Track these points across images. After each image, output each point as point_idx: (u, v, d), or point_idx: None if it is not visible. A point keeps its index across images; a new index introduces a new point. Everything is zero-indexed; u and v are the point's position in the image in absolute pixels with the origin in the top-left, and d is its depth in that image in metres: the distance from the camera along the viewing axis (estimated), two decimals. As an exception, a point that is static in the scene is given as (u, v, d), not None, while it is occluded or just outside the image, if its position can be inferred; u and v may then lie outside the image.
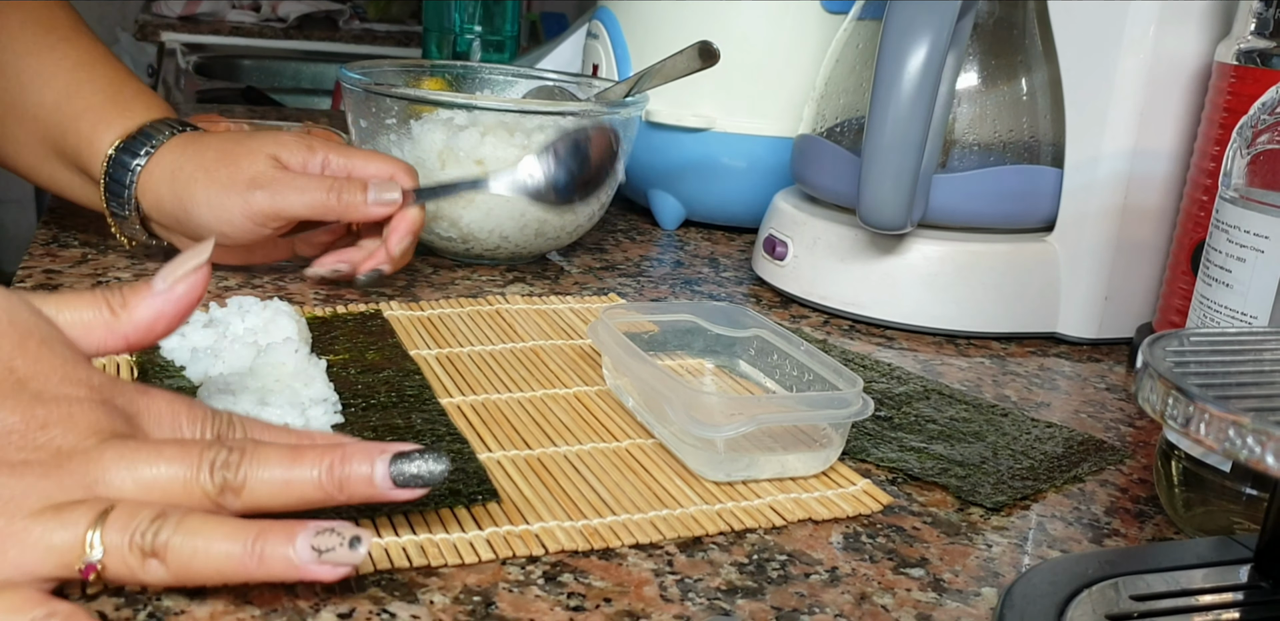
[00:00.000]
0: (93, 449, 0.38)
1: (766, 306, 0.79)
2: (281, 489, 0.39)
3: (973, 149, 0.76)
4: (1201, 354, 0.39)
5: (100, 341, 0.43)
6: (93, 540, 0.36)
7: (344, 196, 0.65)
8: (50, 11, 0.71)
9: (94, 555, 0.36)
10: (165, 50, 2.92)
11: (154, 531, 0.37)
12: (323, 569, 0.37)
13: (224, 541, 0.37)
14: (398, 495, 0.40)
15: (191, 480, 0.38)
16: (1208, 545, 0.45)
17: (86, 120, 0.68)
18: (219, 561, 0.37)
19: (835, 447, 0.53)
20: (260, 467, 0.39)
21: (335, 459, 0.39)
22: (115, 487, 0.38)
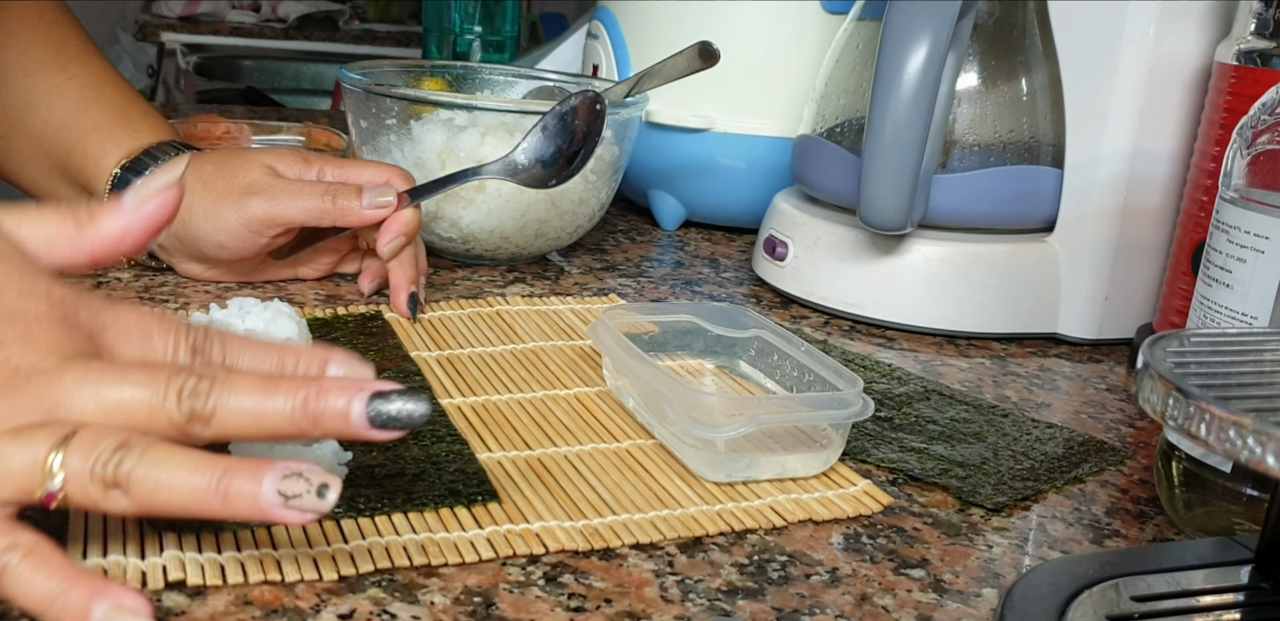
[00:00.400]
0: (53, 369, 0.36)
1: (767, 307, 0.79)
2: (252, 420, 0.37)
3: (973, 149, 0.75)
4: (1202, 354, 0.39)
5: (63, 256, 0.41)
6: (53, 466, 0.35)
7: (339, 200, 0.65)
8: (61, 31, 0.72)
9: (54, 483, 0.35)
10: (165, 50, 2.92)
11: (116, 461, 0.35)
12: (289, 513, 0.36)
13: (189, 475, 0.36)
14: (374, 435, 0.37)
15: (157, 406, 0.36)
16: (1208, 546, 0.45)
17: (94, 139, 0.68)
18: (183, 495, 0.36)
19: (836, 448, 0.53)
20: (231, 396, 0.37)
21: (311, 393, 0.37)
22: (77, 411, 0.36)
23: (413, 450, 0.50)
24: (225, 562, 0.41)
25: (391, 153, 0.79)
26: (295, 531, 0.43)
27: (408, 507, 0.46)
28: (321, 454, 0.47)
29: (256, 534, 0.43)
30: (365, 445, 0.50)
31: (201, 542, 0.42)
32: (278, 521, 0.36)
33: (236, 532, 0.43)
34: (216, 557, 0.41)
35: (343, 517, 0.45)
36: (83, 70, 0.71)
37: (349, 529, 0.44)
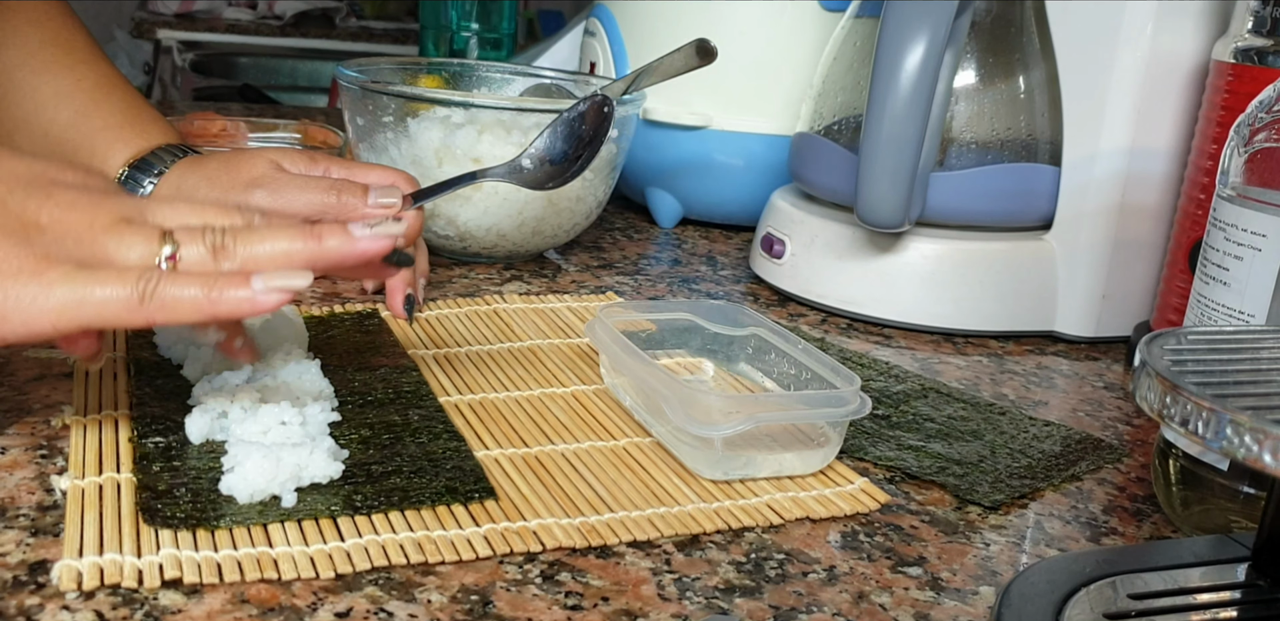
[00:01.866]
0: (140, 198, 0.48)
1: (764, 305, 0.79)
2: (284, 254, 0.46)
3: (970, 147, 0.75)
4: (1199, 352, 0.39)
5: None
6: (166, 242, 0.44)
7: (344, 197, 0.64)
8: (70, 34, 0.73)
9: (167, 250, 0.44)
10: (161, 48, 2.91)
11: (221, 235, 0.45)
12: (375, 242, 0.46)
13: (288, 235, 0.46)
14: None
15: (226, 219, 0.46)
16: (1205, 543, 0.45)
17: (102, 138, 0.69)
18: (284, 246, 0.45)
19: (833, 446, 0.53)
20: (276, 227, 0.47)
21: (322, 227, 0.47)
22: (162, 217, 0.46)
23: (410, 448, 0.50)
24: (222, 561, 0.41)
25: (388, 150, 0.79)
26: (292, 530, 0.43)
27: (405, 505, 0.46)
28: (319, 452, 0.47)
29: (253, 532, 0.43)
30: (362, 443, 0.50)
31: (198, 541, 0.42)
32: (362, 252, 0.46)
33: (233, 531, 0.43)
34: (213, 556, 0.41)
35: (339, 515, 0.45)
36: (91, 72, 0.72)
37: (345, 527, 0.44)
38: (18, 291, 0.43)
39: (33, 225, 0.44)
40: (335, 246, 0.46)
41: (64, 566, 0.40)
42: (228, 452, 0.47)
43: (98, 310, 0.43)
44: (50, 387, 0.55)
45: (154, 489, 0.45)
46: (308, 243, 0.46)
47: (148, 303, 0.43)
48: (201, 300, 0.43)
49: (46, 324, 0.43)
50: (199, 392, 0.52)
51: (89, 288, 0.43)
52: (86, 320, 0.43)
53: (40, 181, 0.46)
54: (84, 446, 0.48)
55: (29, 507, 0.44)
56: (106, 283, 0.43)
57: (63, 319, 0.43)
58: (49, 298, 0.43)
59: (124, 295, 0.43)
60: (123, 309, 0.43)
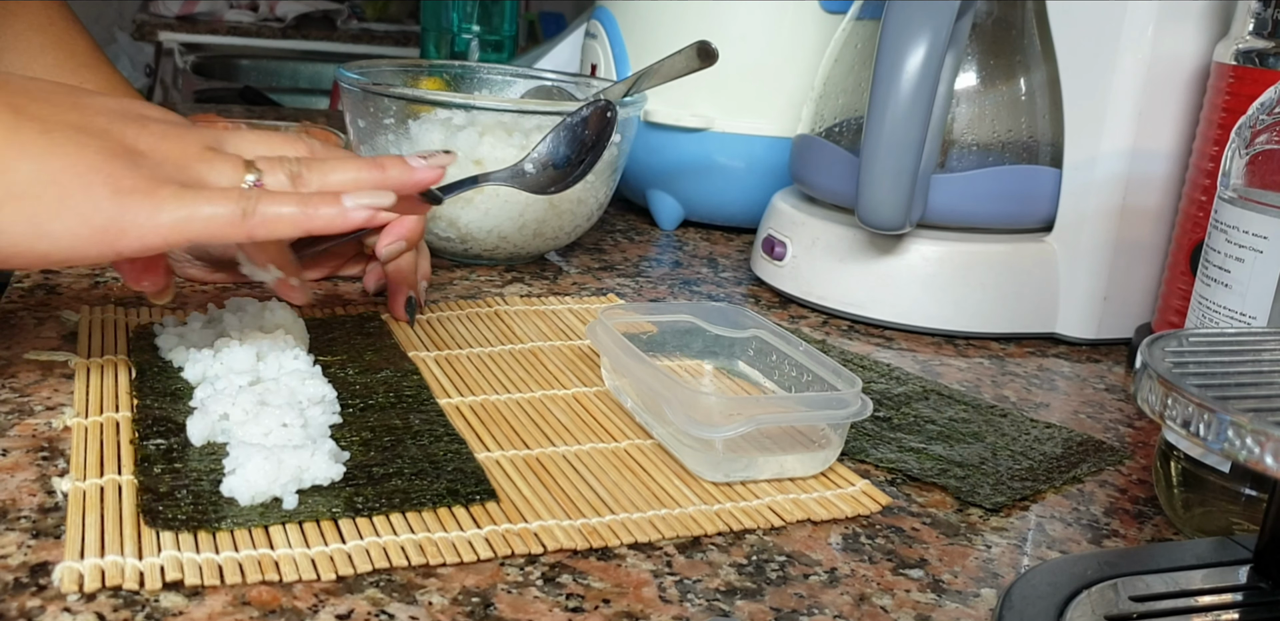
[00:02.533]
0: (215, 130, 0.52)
1: (765, 307, 0.79)
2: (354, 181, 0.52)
3: (971, 149, 0.75)
4: (1200, 354, 0.39)
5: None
6: (250, 171, 0.49)
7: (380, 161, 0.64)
8: (71, 37, 0.73)
9: (251, 177, 0.49)
10: (163, 50, 2.92)
11: (297, 164, 0.50)
12: (429, 171, 0.53)
13: (354, 166, 0.51)
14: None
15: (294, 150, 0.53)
16: (1207, 546, 0.45)
17: None
18: (352, 173, 0.51)
19: (834, 448, 0.52)
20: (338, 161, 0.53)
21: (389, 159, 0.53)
22: (240, 147, 0.52)
23: (411, 450, 0.50)
24: (223, 563, 0.41)
25: (389, 152, 0.79)
26: (293, 532, 0.43)
27: (406, 507, 0.46)
28: (320, 454, 0.47)
29: (254, 534, 0.43)
30: (363, 445, 0.50)
31: (199, 543, 0.42)
32: (419, 179, 0.53)
33: (235, 533, 0.43)
34: (214, 558, 0.41)
35: (341, 517, 0.45)
36: (94, 76, 0.72)
37: (347, 529, 0.44)
38: (135, 208, 0.46)
39: (135, 151, 0.48)
40: (396, 175, 0.52)
41: (65, 568, 0.40)
42: (229, 455, 0.47)
43: (205, 225, 0.47)
44: (52, 389, 0.55)
45: (155, 491, 0.45)
46: (372, 172, 0.51)
47: (250, 218, 0.47)
48: (299, 215, 0.48)
49: (159, 238, 0.47)
50: (200, 395, 0.52)
51: (197, 205, 0.47)
52: (194, 234, 0.47)
53: (133, 115, 0.50)
54: (85, 448, 0.48)
55: (30, 509, 0.44)
56: (213, 201, 0.47)
57: (174, 233, 0.47)
58: (161, 214, 0.46)
59: (228, 212, 0.47)
60: (227, 224, 0.47)
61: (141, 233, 0.46)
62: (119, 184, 0.46)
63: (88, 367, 0.56)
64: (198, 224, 0.47)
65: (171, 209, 0.47)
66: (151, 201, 0.46)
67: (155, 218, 0.46)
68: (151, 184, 0.47)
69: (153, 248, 0.47)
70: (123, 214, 0.46)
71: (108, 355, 0.58)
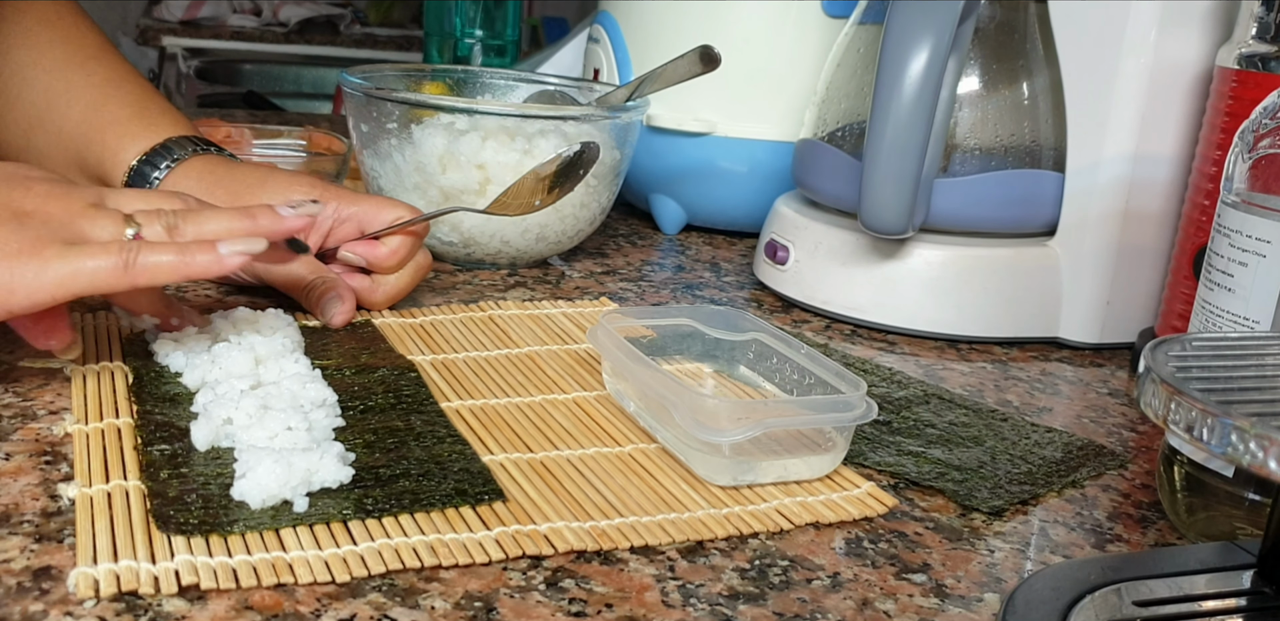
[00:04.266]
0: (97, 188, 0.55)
1: (768, 311, 0.79)
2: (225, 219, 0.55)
3: (974, 153, 0.76)
4: (1204, 358, 0.39)
5: None
6: (130, 224, 0.52)
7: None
8: (79, 31, 0.73)
9: (131, 230, 0.52)
10: (166, 55, 2.92)
11: (173, 216, 0.53)
12: (297, 220, 0.55)
13: (227, 216, 0.54)
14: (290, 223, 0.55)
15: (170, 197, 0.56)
16: (1210, 550, 0.44)
17: (112, 133, 0.69)
18: (225, 222, 0.54)
19: (839, 451, 0.52)
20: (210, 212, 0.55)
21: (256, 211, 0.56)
22: (119, 203, 0.54)
23: (415, 451, 0.50)
24: (237, 566, 0.41)
25: (392, 156, 0.79)
26: (304, 534, 0.43)
27: (415, 508, 0.46)
28: (329, 457, 0.47)
29: (266, 537, 0.43)
30: (367, 448, 0.50)
31: (212, 547, 0.42)
32: (288, 228, 0.55)
33: (246, 536, 0.43)
34: (228, 562, 0.41)
35: (351, 519, 0.45)
36: (101, 68, 0.72)
37: (357, 531, 0.44)
38: (21, 269, 0.49)
39: (22, 213, 0.51)
40: (266, 224, 0.55)
41: (80, 574, 0.40)
42: (238, 459, 0.47)
43: (90, 278, 0.50)
44: (54, 394, 0.55)
45: (164, 495, 0.45)
46: (243, 221, 0.54)
47: (131, 268, 0.50)
48: (177, 262, 0.51)
49: (46, 295, 0.50)
50: (202, 400, 0.52)
51: (81, 260, 0.50)
52: (81, 287, 0.50)
53: (18, 178, 0.53)
54: (88, 454, 0.48)
55: (33, 514, 0.44)
56: (95, 255, 0.50)
57: (61, 289, 0.50)
58: (47, 272, 0.49)
59: (110, 264, 0.50)
60: (111, 275, 0.50)
61: (30, 291, 0.49)
62: (5, 248, 0.49)
63: (84, 374, 0.56)
64: (84, 277, 0.50)
65: (57, 266, 0.50)
66: (38, 261, 0.49)
67: (41, 276, 0.49)
68: (36, 245, 0.50)
69: (42, 303, 0.50)
70: (11, 276, 0.49)
71: (104, 361, 0.58)
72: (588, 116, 0.79)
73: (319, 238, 0.69)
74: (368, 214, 0.68)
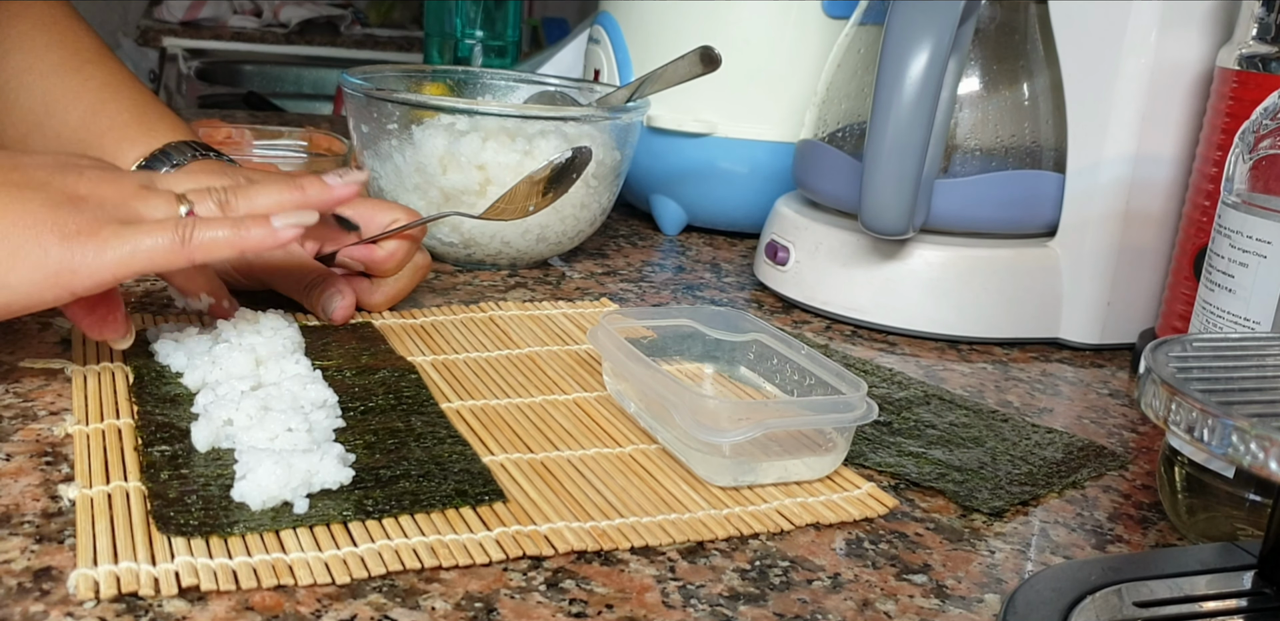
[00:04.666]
0: (146, 171, 0.58)
1: (768, 311, 0.79)
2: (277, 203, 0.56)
3: (974, 154, 0.76)
4: (1204, 359, 0.39)
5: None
6: (182, 203, 0.53)
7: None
8: (75, 34, 0.73)
9: (184, 208, 0.53)
10: (167, 55, 2.92)
11: (224, 193, 0.55)
12: (345, 188, 0.57)
13: (277, 189, 0.56)
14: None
15: (219, 181, 0.57)
16: (1211, 551, 0.44)
17: (110, 138, 0.69)
18: (275, 196, 0.55)
19: (840, 452, 0.52)
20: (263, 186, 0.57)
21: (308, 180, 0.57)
22: (170, 184, 0.55)
23: (416, 452, 0.50)
24: (237, 568, 0.41)
25: (393, 157, 0.79)
26: (305, 536, 0.43)
27: (415, 509, 0.46)
28: (329, 458, 0.47)
29: (266, 538, 0.43)
30: (368, 448, 0.50)
31: (212, 548, 0.42)
32: (339, 195, 0.57)
33: (247, 537, 0.43)
34: (228, 563, 0.41)
35: (351, 521, 0.45)
36: (99, 72, 0.72)
37: (358, 532, 0.44)
38: (82, 249, 0.50)
39: (76, 197, 0.52)
40: (315, 194, 0.56)
41: (80, 575, 0.40)
42: (238, 460, 0.47)
43: (149, 256, 0.51)
44: (55, 395, 0.55)
45: (165, 497, 0.45)
46: (293, 193, 0.56)
47: (188, 244, 0.51)
48: (233, 237, 0.52)
49: (109, 274, 0.50)
50: (202, 401, 0.52)
51: (138, 239, 0.50)
52: (141, 266, 0.51)
53: (69, 165, 0.54)
54: (89, 455, 0.48)
55: (34, 514, 0.44)
56: (152, 233, 0.51)
57: (122, 267, 0.50)
58: (107, 251, 0.50)
59: (168, 241, 0.51)
60: (169, 252, 0.51)
61: (91, 271, 0.50)
62: (65, 229, 0.50)
63: (85, 375, 0.56)
64: (142, 255, 0.50)
65: (116, 245, 0.50)
66: (96, 241, 0.50)
67: (101, 256, 0.50)
68: (94, 224, 0.50)
69: (104, 283, 0.51)
70: (72, 256, 0.50)
71: (104, 362, 0.58)
72: (588, 117, 0.79)
73: (317, 241, 0.69)
74: (364, 216, 0.68)
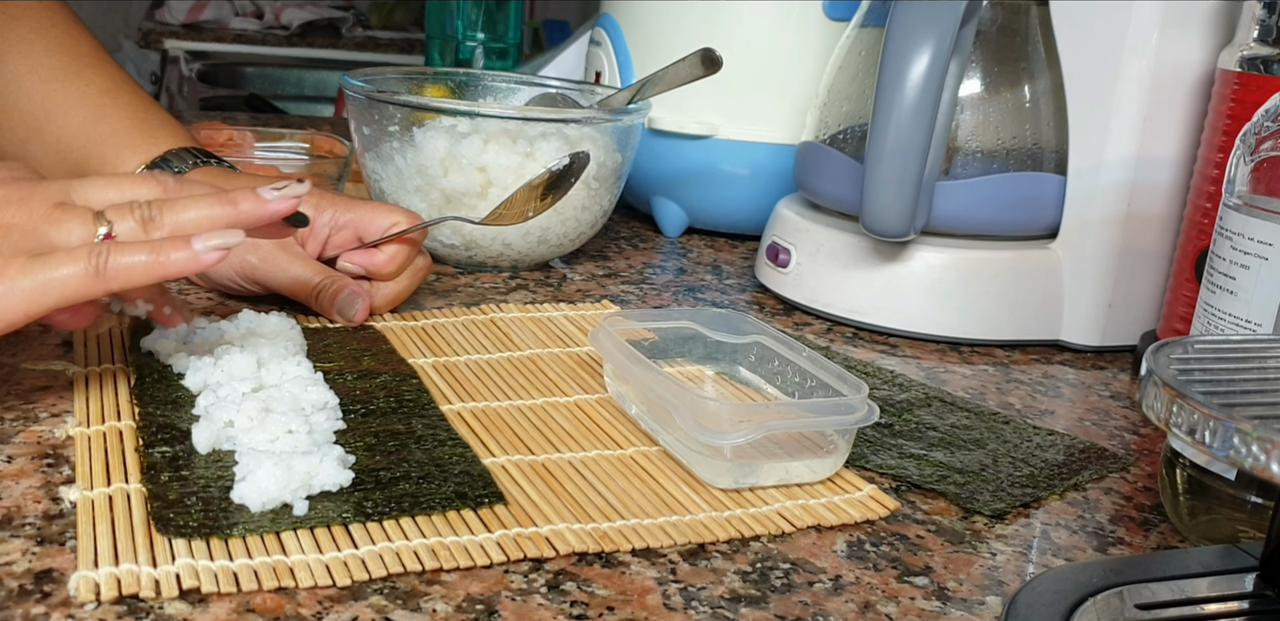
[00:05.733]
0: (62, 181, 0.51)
1: (769, 314, 0.79)
2: (203, 207, 0.51)
3: (976, 156, 0.75)
4: (1206, 361, 0.39)
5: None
6: (100, 223, 0.49)
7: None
8: (74, 38, 0.73)
9: (103, 229, 0.49)
10: (168, 58, 2.92)
11: (148, 208, 0.50)
12: (283, 203, 0.51)
13: (206, 203, 0.51)
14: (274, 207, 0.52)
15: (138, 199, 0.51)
16: (1213, 553, 0.44)
17: (111, 144, 0.69)
18: (205, 210, 0.50)
19: (841, 454, 0.52)
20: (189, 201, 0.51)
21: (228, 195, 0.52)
22: (87, 197, 0.51)
23: (416, 454, 0.50)
24: (238, 570, 0.41)
25: (394, 159, 0.79)
26: (305, 538, 0.43)
27: (415, 511, 0.46)
28: (329, 460, 0.47)
29: (266, 540, 0.43)
30: (368, 450, 0.50)
31: (212, 550, 0.42)
32: (273, 212, 0.51)
33: (246, 539, 0.43)
34: (228, 565, 0.41)
35: (351, 523, 0.45)
36: (99, 77, 0.71)
37: (358, 534, 0.44)
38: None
39: None
40: (250, 209, 0.51)
41: (81, 577, 0.40)
42: (238, 462, 0.47)
43: (61, 289, 0.47)
44: (56, 397, 0.55)
45: (164, 498, 0.45)
46: (225, 207, 0.51)
47: (103, 275, 0.47)
48: (151, 263, 0.48)
49: (20, 314, 0.47)
50: (203, 402, 0.52)
51: (48, 272, 0.47)
52: (54, 301, 0.48)
53: None
54: (90, 457, 0.48)
55: (35, 516, 0.44)
56: (62, 264, 0.47)
57: (33, 306, 0.47)
58: (15, 290, 0.47)
59: (80, 271, 0.47)
60: (83, 284, 0.47)
61: (0, 312, 0.47)
62: None
63: (85, 376, 0.56)
64: (54, 289, 0.47)
65: (23, 283, 0.47)
66: (3, 280, 0.47)
67: (9, 296, 0.47)
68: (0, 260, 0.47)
69: (16, 323, 0.48)
70: None
71: (105, 363, 0.58)
72: (589, 119, 0.79)
73: (317, 245, 0.69)
74: (364, 220, 0.68)
